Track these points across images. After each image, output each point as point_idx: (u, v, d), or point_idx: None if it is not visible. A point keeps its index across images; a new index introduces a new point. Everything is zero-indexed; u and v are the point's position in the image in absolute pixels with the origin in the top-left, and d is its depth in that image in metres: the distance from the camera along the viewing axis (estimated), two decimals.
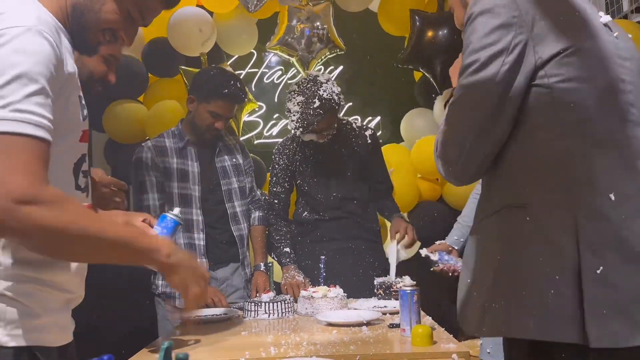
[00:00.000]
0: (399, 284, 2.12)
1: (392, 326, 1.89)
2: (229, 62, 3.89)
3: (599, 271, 1.11)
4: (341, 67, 4.16)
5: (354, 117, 4.11)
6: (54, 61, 1.07)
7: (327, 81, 2.56)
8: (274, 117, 4.17)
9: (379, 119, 4.23)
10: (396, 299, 2.35)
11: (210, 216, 2.54)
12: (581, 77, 1.17)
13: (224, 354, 1.62)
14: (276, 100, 4.19)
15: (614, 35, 1.29)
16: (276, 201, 2.72)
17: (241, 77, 4.00)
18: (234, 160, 2.66)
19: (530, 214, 1.18)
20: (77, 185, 1.22)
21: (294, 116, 2.51)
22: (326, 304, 2.19)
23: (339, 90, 2.57)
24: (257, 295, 2.45)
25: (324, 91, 2.50)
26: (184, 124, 2.62)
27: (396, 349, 1.62)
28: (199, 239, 2.49)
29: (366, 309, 2.17)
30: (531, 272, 1.16)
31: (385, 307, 2.20)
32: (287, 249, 2.63)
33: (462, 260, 1.55)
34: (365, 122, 4.10)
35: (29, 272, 1.12)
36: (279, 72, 4.22)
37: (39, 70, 1.04)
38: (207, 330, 1.99)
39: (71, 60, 1.18)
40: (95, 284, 1.37)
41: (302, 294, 2.28)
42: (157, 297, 2.52)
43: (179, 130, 2.60)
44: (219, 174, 2.60)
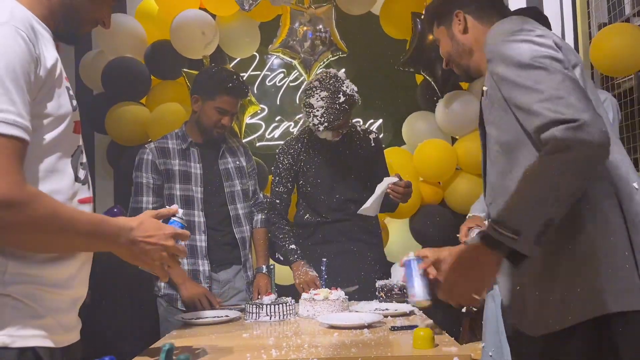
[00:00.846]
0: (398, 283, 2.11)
1: (393, 329, 1.89)
2: (231, 65, 3.90)
3: None
4: (343, 70, 4.17)
5: (355, 120, 4.11)
6: (28, 57, 1.08)
7: (346, 79, 2.62)
8: (276, 119, 4.18)
9: (380, 122, 4.22)
10: (398, 302, 2.36)
11: (212, 218, 2.55)
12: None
13: (225, 356, 1.62)
14: (278, 102, 4.20)
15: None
16: (278, 201, 2.71)
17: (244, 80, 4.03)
18: (237, 162, 2.67)
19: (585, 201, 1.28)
20: (77, 177, 1.23)
21: (318, 112, 2.52)
22: (328, 307, 2.20)
23: (356, 88, 2.63)
24: (259, 297, 2.46)
25: (347, 87, 2.57)
26: (187, 125, 2.63)
27: (398, 352, 1.62)
28: (201, 240, 2.50)
29: (368, 311, 2.18)
30: (598, 253, 1.28)
31: (387, 309, 2.21)
32: (293, 246, 2.62)
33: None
34: (366, 125, 4.10)
35: (32, 271, 1.12)
36: (281, 75, 4.22)
37: (12, 67, 1.05)
38: (208, 332, 1.99)
39: (52, 51, 1.19)
40: (97, 285, 1.38)
41: (304, 296, 2.28)
42: (159, 298, 2.53)
43: (182, 131, 2.61)
44: (222, 176, 2.61)
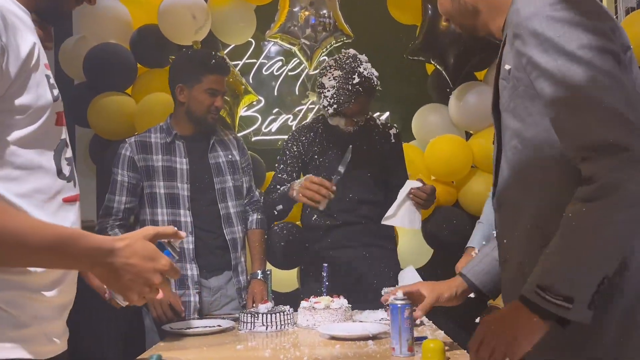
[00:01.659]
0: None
1: None
2: (225, 52, 3.89)
3: None
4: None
5: None
6: None
7: (366, 61, 2.54)
8: (274, 111, 4.17)
9: (387, 115, 4.22)
10: None
11: (201, 218, 2.54)
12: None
13: None
14: (276, 93, 4.20)
15: None
16: (279, 186, 2.63)
17: (238, 68, 4.03)
18: (230, 156, 2.66)
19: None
20: (61, 173, 1.22)
21: (328, 92, 2.48)
22: (329, 316, 2.19)
23: (377, 74, 2.55)
24: (254, 305, 2.45)
25: (364, 69, 2.48)
26: (173, 118, 2.62)
27: None
28: (188, 242, 2.49)
29: (372, 321, 2.17)
30: None
31: None
32: (284, 187, 2.53)
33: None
34: (382, 121, 4.09)
35: (12, 276, 1.11)
36: (279, 63, 4.22)
37: None
38: (199, 344, 1.99)
39: (28, 37, 1.18)
40: (79, 292, 1.37)
41: (302, 304, 2.27)
42: (144, 306, 2.52)
43: (167, 124, 2.61)
44: (212, 171, 2.60)
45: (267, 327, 2.17)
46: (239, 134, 3.85)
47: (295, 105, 4.18)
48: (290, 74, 4.20)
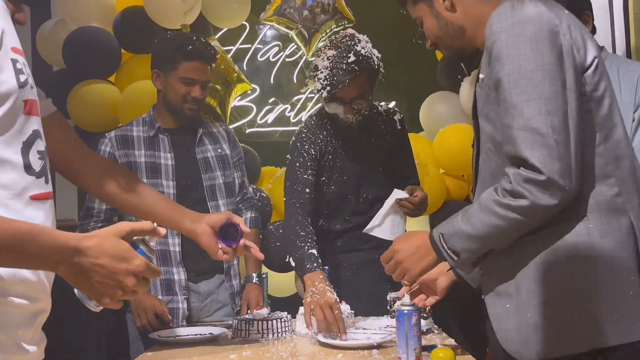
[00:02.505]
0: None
1: None
2: (217, 36, 3.89)
3: None
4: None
5: None
6: None
7: (367, 41, 2.46)
8: (270, 101, 4.17)
9: (393, 104, 4.22)
10: None
11: None
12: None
13: None
14: (272, 81, 4.19)
15: None
16: (308, 190, 2.50)
17: (231, 54, 4.03)
18: (219, 150, 2.66)
19: (590, 222, 1.43)
20: (30, 168, 1.20)
21: (322, 73, 2.40)
22: None
23: (379, 55, 2.47)
24: (249, 311, 2.45)
25: (362, 48, 2.40)
26: (155, 109, 2.62)
27: None
28: (174, 244, 2.48)
29: (377, 329, 2.17)
30: (607, 278, 1.41)
31: None
32: (314, 251, 2.33)
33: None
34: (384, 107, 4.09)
35: None
36: (276, 49, 4.22)
37: None
38: (189, 353, 1.99)
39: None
40: (60, 300, 1.37)
41: (302, 310, 2.26)
42: (129, 313, 2.51)
43: (150, 116, 2.60)
44: (200, 167, 2.59)
45: (263, 335, 2.16)
46: (232, 126, 3.85)
47: (293, 94, 4.17)
48: (287, 60, 4.19)
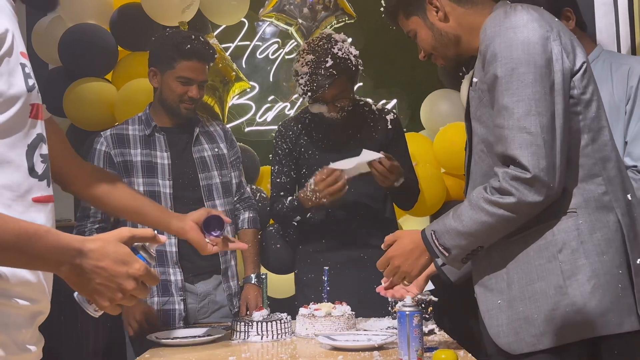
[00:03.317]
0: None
1: None
2: (215, 33, 3.88)
3: (638, 261, 1.53)
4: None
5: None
6: None
7: (344, 41, 2.57)
8: (269, 99, 4.16)
9: (394, 102, 4.22)
10: None
11: None
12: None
13: None
14: (271, 79, 4.19)
15: None
16: (282, 193, 2.68)
17: (229, 52, 4.02)
18: (217, 149, 2.65)
19: (579, 218, 1.52)
20: (33, 170, 1.22)
21: (302, 79, 2.51)
22: (330, 324, 2.19)
23: (357, 52, 2.58)
24: (248, 313, 2.44)
25: (339, 50, 2.52)
26: (152, 107, 2.63)
27: None
28: (170, 244, 2.48)
29: (378, 330, 2.18)
30: (596, 272, 1.50)
31: None
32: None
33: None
34: (378, 106, 4.09)
35: None
36: (275, 46, 4.21)
37: None
38: (187, 355, 1.99)
39: (3, 23, 1.17)
40: (58, 304, 1.37)
41: (301, 312, 2.27)
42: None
43: (146, 115, 2.61)
44: (196, 167, 2.59)
45: (262, 337, 2.17)
46: (231, 124, 3.85)
47: (292, 92, 4.16)
48: (287, 57, 4.17)
